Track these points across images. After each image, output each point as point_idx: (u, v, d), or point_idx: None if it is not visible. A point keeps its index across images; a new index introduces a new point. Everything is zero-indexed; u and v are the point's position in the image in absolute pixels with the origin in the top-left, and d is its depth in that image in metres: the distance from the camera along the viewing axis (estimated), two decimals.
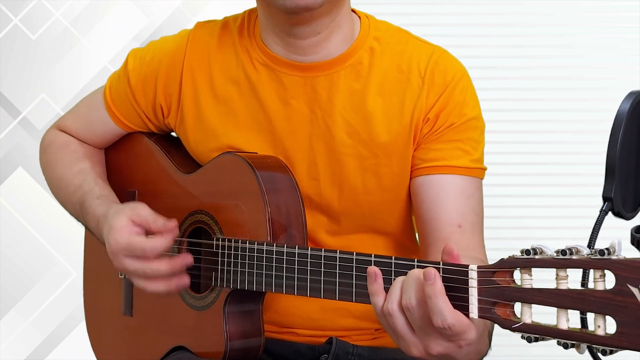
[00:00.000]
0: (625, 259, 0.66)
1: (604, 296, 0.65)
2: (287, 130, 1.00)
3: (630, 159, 0.82)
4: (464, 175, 0.98)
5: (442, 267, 0.74)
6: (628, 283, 0.64)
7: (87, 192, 1.05)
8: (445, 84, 1.03)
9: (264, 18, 0.99)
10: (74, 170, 1.08)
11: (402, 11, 2.60)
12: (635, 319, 0.63)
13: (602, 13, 2.57)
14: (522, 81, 2.59)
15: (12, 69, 2.61)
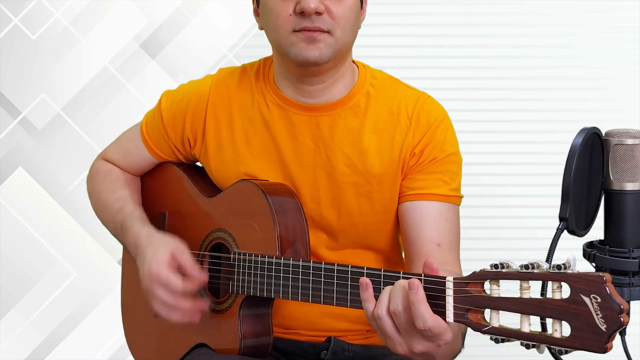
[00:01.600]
0: (579, 273, 0.77)
1: (561, 304, 0.77)
2: (294, 160, 1.17)
3: (582, 185, 0.95)
4: (443, 201, 1.16)
5: (424, 279, 0.87)
6: (581, 293, 0.76)
7: (129, 215, 1.21)
8: (429, 124, 1.18)
9: (279, 65, 1.17)
10: (115, 197, 1.26)
11: (402, 11, 2.60)
12: (587, 324, 0.75)
13: (602, 13, 2.57)
14: (522, 81, 2.59)
15: (12, 69, 2.61)
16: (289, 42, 1.09)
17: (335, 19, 1.08)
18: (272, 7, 1.10)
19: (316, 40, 1.07)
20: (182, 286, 1.07)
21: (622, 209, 0.98)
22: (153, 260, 1.09)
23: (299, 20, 1.07)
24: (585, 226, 1.01)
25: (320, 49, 1.08)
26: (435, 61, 2.60)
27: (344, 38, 1.11)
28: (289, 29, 1.09)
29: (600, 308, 0.75)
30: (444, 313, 0.85)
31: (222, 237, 1.18)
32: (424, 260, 0.94)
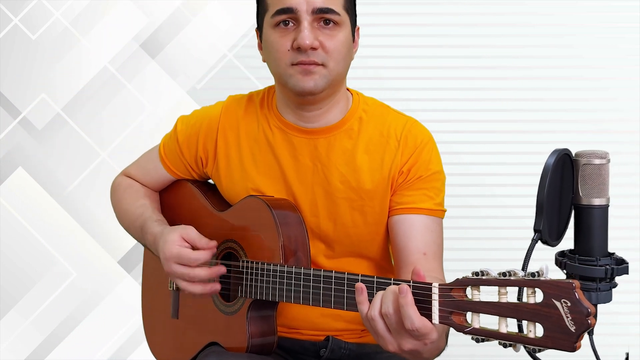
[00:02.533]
0: (551, 280, 0.85)
1: (535, 308, 0.86)
2: (295, 178, 1.29)
3: (555, 200, 1.06)
4: (428, 215, 1.26)
5: (412, 284, 0.96)
6: (553, 298, 0.85)
7: (147, 218, 1.33)
8: (416, 146, 1.29)
9: (280, 94, 1.30)
10: (137, 205, 1.39)
11: (402, 11, 2.60)
12: (558, 325, 0.84)
13: (602, 13, 2.57)
14: (522, 81, 2.59)
15: (12, 69, 2.61)
16: (288, 74, 1.21)
17: (329, 52, 1.21)
18: (273, 43, 1.22)
19: (311, 72, 1.20)
20: (195, 256, 1.17)
21: (590, 222, 1.08)
22: (166, 243, 1.20)
23: (296, 55, 1.20)
24: (557, 237, 1.10)
25: (315, 80, 1.20)
26: (435, 61, 2.60)
27: (337, 69, 1.24)
28: (287, 62, 1.21)
29: (570, 311, 0.84)
30: (430, 315, 0.94)
31: (232, 247, 1.29)
32: (411, 268, 1.06)
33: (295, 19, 1.20)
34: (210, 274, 1.19)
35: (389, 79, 2.59)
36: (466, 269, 1.00)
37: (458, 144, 2.61)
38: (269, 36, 1.23)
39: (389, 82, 2.60)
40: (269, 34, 1.23)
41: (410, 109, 2.61)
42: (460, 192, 2.61)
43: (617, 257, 1.11)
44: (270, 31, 1.23)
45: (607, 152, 1.09)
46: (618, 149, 2.59)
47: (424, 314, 0.94)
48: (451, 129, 2.61)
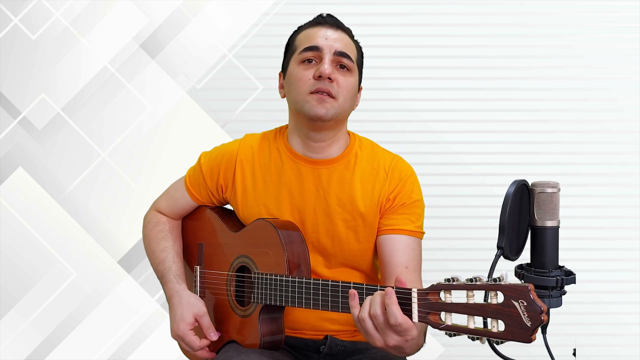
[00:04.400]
0: (510, 284, 1.04)
1: (497, 307, 1.04)
2: (300, 201, 1.52)
3: (514, 222, 1.25)
4: (410, 235, 1.51)
5: (396, 290, 1.16)
6: (512, 299, 1.02)
7: (168, 269, 1.59)
8: (401, 178, 1.54)
9: (293, 124, 1.54)
10: (160, 247, 1.64)
11: (402, 11, 2.60)
12: (517, 322, 1.02)
13: (602, 13, 2.57)
14: (522, 81, 2.59)
15: (12, 69, 2.61)
16: (305, 100, 1.45)
17: (341, 88, 1.46)
18: (297, 74, 1.47)
19: (325, 101, 1.44)
20: (199, 345, 1.49)
21: (544, 240, 1.29)
22: (181, 321, 1.50)
23: (316, 83, 1.44)
24: (516, 253, 1.28)
25: (326, 108, 1.44)
26: (435, 61, 2.60)
27: (344, 106, 1.48)
28: (307, 90, 1.45)
29: (526, 310, 1.01)
30: (411, 315, 1.14)
31: (245, 261, 1.51)
32: (395, 278, 1.32)
33: (319, 57, 1.46)
34: (205, 355, 1.52)
35: (389, 79, 2.59)
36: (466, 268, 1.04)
37: (458, 144, 2.61)
38: (294, 70, 1.48)
39: (389, 82, 2.60)
40: (294, 69, 1.48)
41: (411, 109, 2.63)
42: (461, 192, 2.61)
43: (566, 269, 1.31)
44: (295, 66, 1.48)
45: (558, 182, 1.31)
46: (618, 149, 2.59)
47: (406, 314, 1.13)
48: (451, 129, 2.61)
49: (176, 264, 1.61)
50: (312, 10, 2.60)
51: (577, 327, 2.58)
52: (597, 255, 2.57)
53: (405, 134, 2.59)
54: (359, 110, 2.62)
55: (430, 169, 2.58)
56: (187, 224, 1.70)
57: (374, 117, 2.59)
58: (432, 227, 1.67)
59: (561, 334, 2.51)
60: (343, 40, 1.49)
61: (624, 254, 2.58)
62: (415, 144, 2.59)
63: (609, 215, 2.57)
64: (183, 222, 1.72)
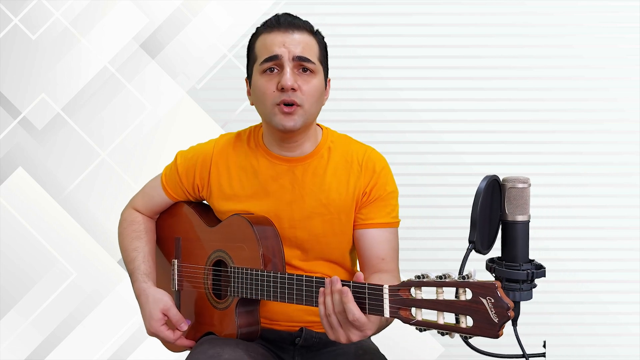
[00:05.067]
0: (477, 281, 1.06)
1: (465, 304, 1.07)
2: (276, 197, 1.55)
3: (486, 217, 1.27)
4: (386, 227, 1.55)
5: (368, 286, 1.21)
6: (480, 296, 1.05)
7: (136, 268, 1.62)
8: (375, 171, 1.56)
9: (267, 130, 1.57)
10: (132, 247, 1.66)
11: (402, 11, 2.60)
12: (484, 318, 1.05)
13: (602, 13, 2.57)
14: (522, 81, 2.59)
15: (12, 69, 2.61)
16: (272, 113, 1.47)
17: (305, 94, 1.47)
18: (261, 86, 1.48)
19: (291, 114, 1.46)
20: (174, 337, 1.54)
21: (515, 235, 1.31)
22: (151, 319, 1.53)
23: (280, 95, 1.46)
24: (487, 247, 1.30)
25: (294, 120, 1.46)
26: (435, 61, 2.60)
27: (311, 110, 1.50)
28: (272, 102, 1.47)
29: (494, 306, 1.04)
30: (382, 311, 1.17)
31: (222, 256, 1.55)
32: (373, 270, 1.50)
33: (280, 65, 1.46)
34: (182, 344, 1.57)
35: (389, 79, 2.60)
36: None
37: (458, 144, 2.61)
38: (257, 81, 1.49)
39: (389, 82, 2.60)
40: (257, 79, 1.49)
41: (411, 109, 2.63)
42: (462, 192, 2.61)
43: (536, 263, 1.31)
44: (258, 77, 1.49)
45: (529, 177, 1.32)
46: (618, 149, 2.60)
47: (377, 309, 1.18)
48: (452, 129, 2.61)
49: (145, 263, 1.63)
50: (312, 10, 2.61)
51: (577, 327, 2.58)
52: (597, 255, 2.57)
53: (405, 134, 2.59)
54: (359, 110, 2.63)
55: (430, 169, 2.58)
56: (165, 219, 1.73)
57: (374, 117, 2.59)
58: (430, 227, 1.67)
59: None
60: (302, 42, 1.48)
61: (624, 254, 2.58)
62: (415, 144, 2.59)
63: (609, 215, 2.57)
64: (161, 216, 1.74)
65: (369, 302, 1.20)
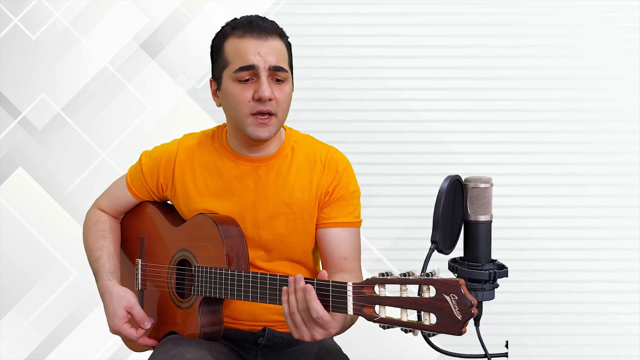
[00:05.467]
0: (441, 279, 1.06)
1: (429, 301, 1.07)
2: (240, 197, 1.55)
3: (448, 217, 1.28)
4: (349, 227, 1.56)
5: (332, 284, 1.21)
6: (443, 293, 1.05)
7: (101, 266, 1.61)
8: (337, 170, 1.57)
9: (233, 133, 1.56)
10: (96, 246, 1.66)
11: (402, 11, 2.60)
12: (448, 315, 1.05)
13: (602, 13, 2.57)
14: (522, 81, 2.59)
15: (12, 69, 2.61)
16: (247, 123, 1.47)
17: (279, 103, 1.47)
18: (235, 94, 1.47)
19: (266, 125, 1.47)
20: (137, 335, 1.53)
21: (477, 235, 1.30)
22: (115, 317, 1.53)
23: (256, 105, 1.45)
24: (450, 247, 1.31)
25: (269, 130, 1.48)
26: (435, 61, 2.60)
27: (283, 117, 1.51)
28: (247, 112, 1.46)
29: (457, 304, 1.04)
30: (346, 308, 1.18)
31: (186, 255, 1.55)
32: (336, 269, 1.50)
33: (256, 74, 1.45)
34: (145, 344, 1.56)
35: (389, 79, 2.60)
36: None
37: (458, 144, 2.61)
38: (230, 88, 1.47)
39: (389, 82, 2.60)
40: (230, 86, 1.47)
41: (411, 109, 2.63)
42: None
43: (498, 263, 1.31)
44: (231, 84, 1.47)
45: (491, 177, 1.31)
46: (618, 149, 2.59)
47: (341, 307, 1.18)
48: (452, 129, 2.61)
49: (110, 262, 1.63)
50: (312, 10, 2.61)
51: (576, 327, 2.58)
52: (597, 255, 2.57)
53: (405, 134, 2.59)
54: (360, 110, 2.63)
55: (430, 168, 2.58)
56: (129, 219, 1.73)
57: (374, 117, 2.59)
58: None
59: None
60: (275, 50, 1.47)
61: (624, 254, 2.58)
62: (415, 144, 2.59)
63: (608, 215, 2.57)
64: (125, 216, 1.74)
65: (333, 299, 1.20)
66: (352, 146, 2.59)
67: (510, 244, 2.52)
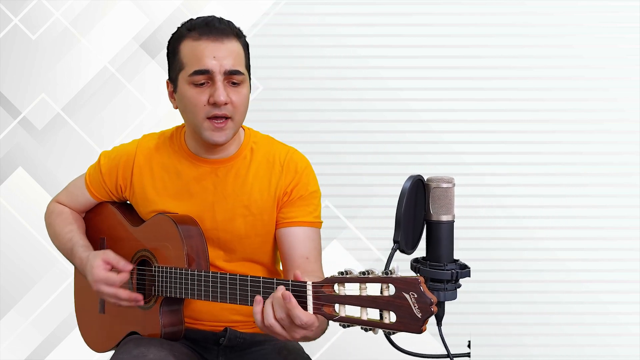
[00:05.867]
0: (400, 277, 1.06)
1: (389, 299, 1.07)
2: (199, 199, 1.55)
3: (410, 217, 1.27)
4: (309, 227, 1.55)
5: (291, 283, 1.20)
6: (403, 291, 1.05)
7: (75, 243, 1.61)
8: (296, 171, 1.57)
9: (191, 135, 1.56)
10: (66, 230, 1.66)
11: (402, 11, 2.60)
12: (408, 313, 1.05)
13: (602, 13, 2.57)
14: (522, 81, 2.59)
15: (12, 69, 2.61)
16: (203, 127, 1.46)
17: (235, 107, 1.46)
18: (191, 98, 1.46)
19: (223, 129, 1.46)
20: (119, 278, 1.47)
21: (439, 234, 1.30)
22: (93, 268, 1.49)
23: (211, 109, 1.44)
24: (412, 247, 1.30)
25: (226, 135, 1.47)
26: (435, 61, 2.60)
27: (240, 120, 1.50)
28: (203, 116, 1.45)
29: (417, 302, 1.04)
30: (306, 307, 1.17)
31: (146, 255, 1.55)
32: (296, 269, 1.42)
33: (211, 78, 1.44)
34: (130, 297, 1.49)
35: (389, 79, 2.60)
36: None
37: (458, 144, 2.61)
38: (186, 91, 1.47)
39: (389, 82, 2.60)
40: (185, 89, 1.47)
41: (411, 109, 2.62)
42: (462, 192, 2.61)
43: (461, 262, 1.30)
44: (187, 87, 1.47)
45: (453, 177, 1.31)
46: (618, 149, 2.59)
47: (301, 305, 1.17)
48: (452, 129, 2.61)
49: (83, 239, 1.62)
50: (312, 10, 2.61)
51: (576, 327, 2.58)
52: (598, 255, 2.57)
53: (405, 134, 2.59)
54: (360, 110, 2.63)
55: (429, 169, 2.58)
56: (89, 219, 1.73)
57: (374, 117, 2.59)
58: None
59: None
60: (232, 53, 1.45)
61: (624, 254, 2.58)
62: (415, 144, 2.59)
63: (608, 215, 2.57)
64: (85, 216, 1.74)
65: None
66: (352, 146, 2.60)
67: (510, 244, 2.52)
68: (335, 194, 2.54)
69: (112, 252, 1.51)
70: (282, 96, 2.59)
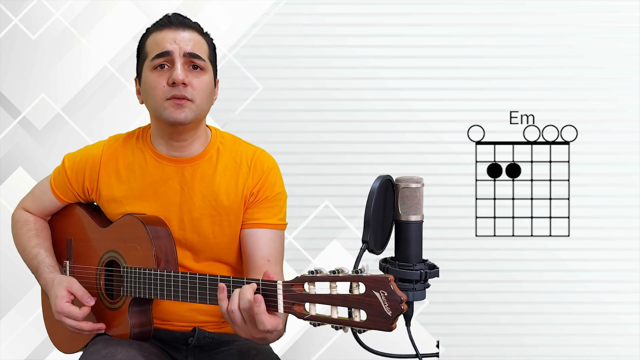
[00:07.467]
0: (371, 275, 1.08)
1: (359, 298, 1.08)
2: (165, 199, 1.55)
3: (379, 217, 1.28)
4: (272, 229, 1.56)
5: (262, 281, 1.21)
6: (373, 289, 1.07)
7: (41, 262, 1.62)
8: (263, 171, 1.58)
9: (155, 128, 1.58)
10: (32, 244, 1.67)
11: (402, 11, 2.60)
12: (378, 311, 1.06)
13: (602, 13, 2.57)
14: (522, 81, 2.59)
15: (12, 69, 2.61)
16: (163, 107, 1.48)
17: (196, 90, 1.48)
18: (151, 82, 1.49)
19: (182, 106, 1.47)
20: (80, 314, 1.49)
21: (408, 234, 1.30)
22: (57, 298, 1.50)
23: (171, 90, 1.47)
24: (381, 247, 1.31)
25: (185, 113, 1.47)
26: (435, 61, 2.60)
27: (202, 105, 1.51)
28: (163, 97, 1.48)
29: (387, 300, 1.05)
30: (276, 306, 1.18)
31: (114, 256, 1.55)
32: (257, 271, 1.49)
33: (171, 61, 1.48)
34: (92, 328, 1.51)
35: (389, 79, 2.60)
36: None
37: (458, 144, 2.61)
38: (148, 77, 1.50)
39: (389, 82, 2.60)
40: (147, 76, 1.51)
41: (411, 109, 2.62)
42: (461, 192, 2.61)
43: (430, 263, 1.30)
44: (149, 73, 1.50)
45: (422, 177, 1.31)
46: (618, 149, 2.59)
47: (272, 305, 1.18)
48: (452, 129, 2.61)
49: (49, 257, 1.64)
50: (312, 10, 2.61)
51: (576, 327, 2.58)
52: (597, 255, 2.57)
53: (405, 134, 2.59)
54: (361, 110, 2.63)
55: (429, 168, 2.58)
56: (56, 220, 1.73)
57: (374, 117, 2.59)
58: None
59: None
60: (192, 40, 1.50)
61: (624, 254, 2.58)
62: (415, 144, 2.59)
63: (609, 215, 2.57)
64: (52, 217, 1.74)
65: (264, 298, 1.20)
66: (351, 146, 2.60)
67: (510, 243, 2.52)
68: (335, 194, 2.54)
69: (76, 282, 1.52)
70: (282, 96, 2.59)
